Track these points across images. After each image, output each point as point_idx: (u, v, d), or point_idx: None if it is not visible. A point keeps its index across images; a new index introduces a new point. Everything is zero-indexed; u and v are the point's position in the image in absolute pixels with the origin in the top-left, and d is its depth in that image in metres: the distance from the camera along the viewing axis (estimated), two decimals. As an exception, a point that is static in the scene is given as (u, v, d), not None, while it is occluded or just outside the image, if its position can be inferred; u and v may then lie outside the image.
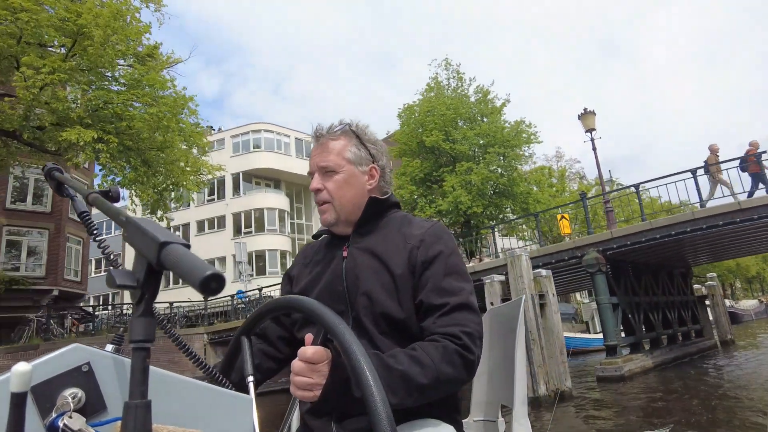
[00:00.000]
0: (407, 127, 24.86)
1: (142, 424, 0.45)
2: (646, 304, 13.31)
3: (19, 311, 19.29)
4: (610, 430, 6.84)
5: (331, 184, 1.11)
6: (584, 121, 13.61)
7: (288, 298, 0.80)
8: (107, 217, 0.59)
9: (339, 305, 1.04)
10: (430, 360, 0.90)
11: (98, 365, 0.59)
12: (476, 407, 1.48)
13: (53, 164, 0.83)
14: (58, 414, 0.55)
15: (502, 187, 22.68)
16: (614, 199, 14.11)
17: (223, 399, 0.67)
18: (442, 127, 23.27)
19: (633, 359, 11.16)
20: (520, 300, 1.29)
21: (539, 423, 7.66)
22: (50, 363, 0.57)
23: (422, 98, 25.41)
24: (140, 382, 0.46)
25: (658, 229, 10.86)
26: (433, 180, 23.63)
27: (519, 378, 1.21)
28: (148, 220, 0.49)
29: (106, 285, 0.48)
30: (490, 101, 25.11)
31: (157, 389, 0.47)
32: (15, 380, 0.47)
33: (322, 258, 1.16)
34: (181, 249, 0.44)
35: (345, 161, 1.12)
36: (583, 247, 11.59)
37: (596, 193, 37.79)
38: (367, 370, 0.61)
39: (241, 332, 0.87)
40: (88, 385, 0.58)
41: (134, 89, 11.65)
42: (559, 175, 37.47)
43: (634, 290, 12.94)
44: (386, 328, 1.01)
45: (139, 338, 0.46)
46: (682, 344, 14.63)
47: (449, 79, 26.22)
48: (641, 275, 13.46)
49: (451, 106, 23.79)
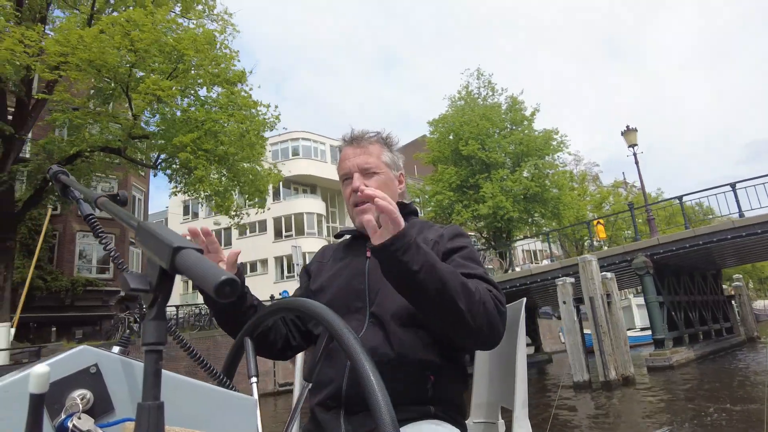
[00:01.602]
0: (441, 135, 26.28)
1: (155, 425, 0.46)
2: (685, 302, 14.70)
3: (91, 310, 21.00)
4: (679, 409, 8.23)
5: (374, 184, 1.13)
6: (626, 137, 15.00)
7: (288, 300, 0.79)
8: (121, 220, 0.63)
9: (357, 302, 1.07)
10: (462, 282, 0.91)
11: (106, 367, 0.60)
12: (476, 409, 1.49)
13: (59, 167, 0.86)
14: (67, 415, 0.56)
15: (534, 192, 23.92)
16: (655, 209, 15.51)
17: (226, 400, 0.68)
18: (477, 136, 24.54)
19: (678, 351, 12.54)
20: (522, 302, 1.29)
21: (608, 403, 9.07)
22: (59, 365, 0.57)
23: (451, 105, 26.85)
24: (153, 384, 0.47)
25: (701, 236, 12.25)
26: (468, 186, 24.98)
27: (520, 380, 1.21)
28: (160, 225, 0.50)
29: (120, 288, 0.51)
30: (519, 110, 26.49)
31: (162, 391, 0.47)
32: (34, 381, 0.48)
33: (343, 257, 1.20)
34: (195, 254, 0.45)
35: (383, 164, 1.18)
36: (633, 252, 12.99)
37: (605, 193, 39.21)
38: (371, 373, 0.60)
39: (245, 333, 0.87)
40: (96, 386, 0.59)
41: (227, 109, 13.15)
42: (580, 179, 38.91)
43: (675, 290, 14.32)
44: (403, 325, 1.03)
45: (151, 341, 0.47)
46: (715, 340, 16.00)
47: (479, 88, 27.62)
48: (680, 277, 14.85)
49: (485, 116, 25.07)
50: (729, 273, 24.74)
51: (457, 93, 27.41)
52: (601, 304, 9.97)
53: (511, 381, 1.22)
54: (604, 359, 9.73)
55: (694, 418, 7.05)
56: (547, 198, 24.13)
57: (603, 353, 9.74)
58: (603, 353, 9.74)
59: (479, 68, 27.50)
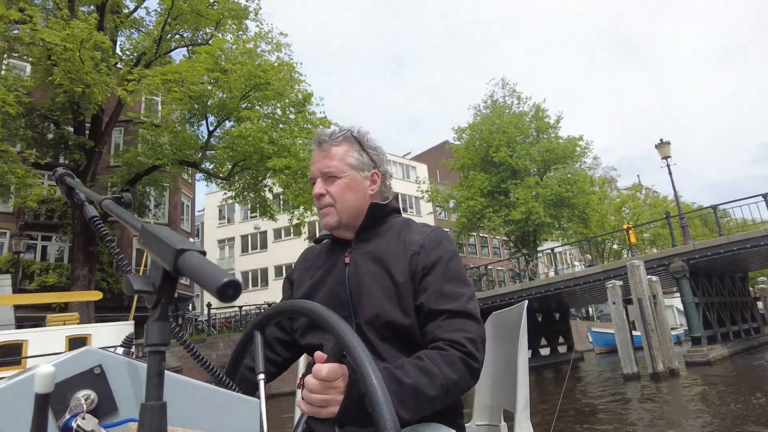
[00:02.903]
0: (467, 142, 27.47)
1: (158, 425, 0.46)
2: (717, 303, 15.76)
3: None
4: (726, 396, 9.32)
5: (334, 189, 1.13)
6: (660, 149, 16.09)
7: (311, 305, 0.74)
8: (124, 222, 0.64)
9: (343, 311, 1.06)
10: (438, 370, 0.92)
11: (110, 368, 0.60)
12: (479, 412, 1.48)
13: (64, 169, 0.86)
14: (71, 415, 0.56)
15: (563, 197, 24.91)
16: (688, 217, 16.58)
17: (230, 401, 0.68)
18: (507, 143, 25.65)
19: (714, 349, 13.61)
20: (523, 305, 1.28)
21: (660, 395, 10.15)
22: (64, 365, 0.58)
23: (476, 114, 28.09)
24: (156, 385, 0.47)
25: (736, 242, 13.33)
26: (498, 192, 26.09)
27: (521, 383, 1.21)
28: (164, 227, 0.50)
29: (124, 290, 0.50)
30: (543, 117, 27.66)
31: (165, 391, 0.48)
32: (39, 381, 0.48)
33: (323, 263, 1.18)
34: (198, 256, 0.45)
35: (347, 166, 1.14)
36: (670, 257, 14.09)
37: (624, 198, 40.12)
38: (378, 387, 0.60)
39: (255, 327, 0.85)
40: (100, 387, 0.59)
41: (302, 128, 14.45)
42: (600, 183, 39.87)
43: (708, 292, 15.39)
44: (389, 335, 1.03)
45: (155, 342, 0.48)
46: (745, 338, 17.04)
47: (504, 97, 28.80)
48: (712, 279, 15.91)
49: (513, 124, 26.19)
50: (754, 275, 25.68)
51: (482, 102, 28.75)
52: (649, 304, 11.10)
53: (513, 384, 1.22)
54: (653, 353, 10.85)
55: (739, 404, 8.17)
56: (576, 203, 25.14)
57: (651, 348, 10.87)
58: (651, 348, 10.87)
59: (503, 77, 28.65)
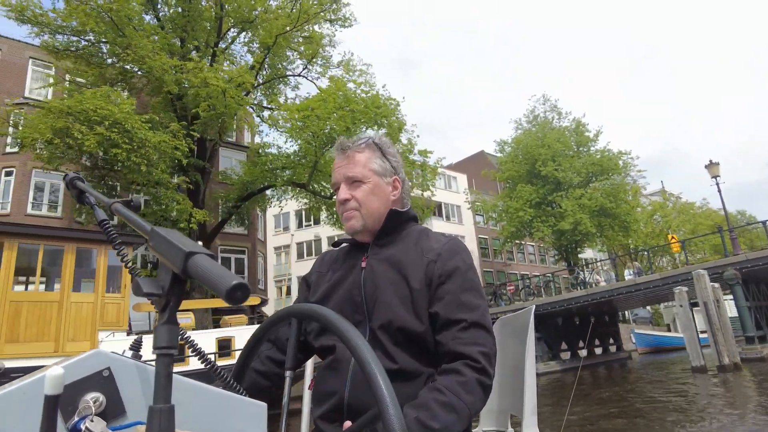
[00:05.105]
0: (510, 155, 29.55)
1: (166, 428, 0.46)
2: (765, 307, 17.64)
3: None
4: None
5: (359, 194, 1.15)
6: (710, 170, 18.05)
7: (341, 321, 0.73)
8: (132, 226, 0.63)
9: (357, 315, 1.07)
10: (460, 402, 0.93)
11: (118, 370, 0.61)
12: (486, 417, 1.48)
13: (75, 173, 0.89)
14: (80, 417, 0.57)
15: (607, 208, 26.75)
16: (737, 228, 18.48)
17: (236, 405, 0.69)
18: (552, 157, 27.62)
19: (766, 347, 15.51)
20: (530, 310, 1.28)
21: (729, 385, 12.02)
22: (73, 368, 0.58)
23: (517, 128, 30.26)
24: (164, 387, 0.47)
25: (784, 253, 15.25)
26: (546, 203, 28.03)
27: (529, 388, 1.20)
28: (173, 231, 0.51)
29: (133, 293, 0.50)
30: (583, 132, 29.63)
31: (173, 394, 0.48)
32: (49, 383, 0.49)
33: (340, 266, 1.19)
34: (207, 259, 0.45)
35: (371, 172, 1.17)
36: (723, 266, 16.04)
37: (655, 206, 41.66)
38: (380, 377, 0.61)
39: (292, 313, 0.85)
40: (108, 389, 0.60)
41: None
42: (633, 192, 41.56)
43: (757, 297, 17.26)
44: (402, 339, 1.03)
45: (163, 345, 0.48)
46: (791, 338, 18.84)
47: (546, 112, 30.83)
48: (759, 286, 17.79)
49: (556, 139, 28.17)
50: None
51: (523, 117, 30.87)
52: (713, 306, 13.09)
53: (520, 389, 1.23)
54: (719, 349, 12.81)
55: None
56: (619, 213, 26.98)
57: (717, 344, 12.84)
58: (717, 344, 12.84)
59: (544, 94, 30.66)
